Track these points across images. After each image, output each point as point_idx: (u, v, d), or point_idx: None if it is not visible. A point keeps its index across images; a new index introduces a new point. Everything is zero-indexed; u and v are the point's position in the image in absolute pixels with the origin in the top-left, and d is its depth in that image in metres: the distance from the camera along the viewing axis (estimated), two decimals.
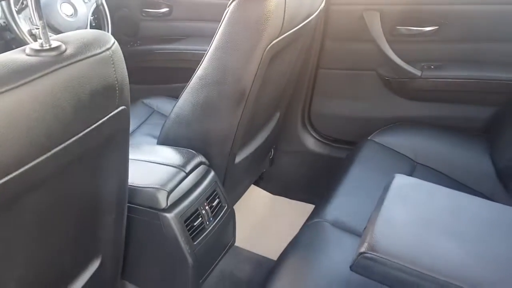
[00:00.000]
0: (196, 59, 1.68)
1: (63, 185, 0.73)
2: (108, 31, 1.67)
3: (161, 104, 1.74)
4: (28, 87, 0.57)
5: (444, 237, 0.85)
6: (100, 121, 0.71)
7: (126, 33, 1.98)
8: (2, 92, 0.54)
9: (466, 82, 1.50)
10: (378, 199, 0.95)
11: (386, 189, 0.97)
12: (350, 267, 0.85)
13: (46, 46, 0.62)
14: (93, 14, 1.63)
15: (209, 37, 1.13)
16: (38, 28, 0.62)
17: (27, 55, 0.62)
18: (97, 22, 1.69)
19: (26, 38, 1.40)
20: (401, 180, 0.99)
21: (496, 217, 0.92)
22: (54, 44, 0.63)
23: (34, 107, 0.58)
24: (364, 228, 0.90)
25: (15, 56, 0.60)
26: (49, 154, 0.62)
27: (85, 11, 1.59)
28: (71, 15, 1.55)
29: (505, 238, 0.86)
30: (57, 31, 1.50)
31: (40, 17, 0.62)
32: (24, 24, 1.42)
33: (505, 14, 1.42)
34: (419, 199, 0.95)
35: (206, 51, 1.12)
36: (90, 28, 1.63)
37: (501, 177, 1.35)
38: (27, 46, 0.63)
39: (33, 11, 0.62)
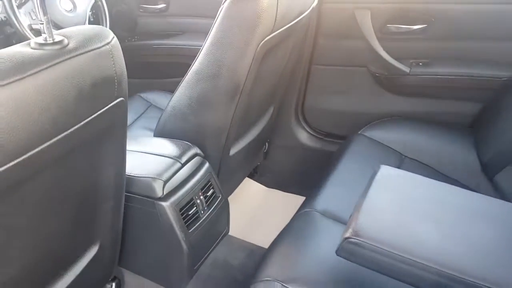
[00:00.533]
0: (192, 54, 1.71)
1: (65, 171, 0.77)
2: (106, 26, 1.71)
3: (157, 98, 1.78)
4: (34, 78, 0.61)
5: (424, 224, 0.90)
6: (100, 111, 0.75)
7: (123, 28, 2.02)
8: (10, 83, 0.58)
9: (453, 79, 1.55)
10: (364, 189, 1.00)
11: (371, 179, 1.02)
12: (336, 251, 0.89)
13: (50, 40, 0.66)
14: (91, 9, 1.67)
15: (205, 32, 1.17)
16: (43, 23, 0.66)
17: (32, 48, 0.66)
18: (95, 18, 1.72)
19: (26, 32, 1.44)
20: (385, 171, 1.04)
21: (475, 206, 0.97)
22: (57, 38, 0.67)
23: (39, 97, 0.62)
24: (350, 216, 0.95)
25: (21, 49, 0.64)
26: (53, 141, 0.66)
27: (84, 6, 1.63)
28: (70, 10, 1.59)
29: (481, 225, 0.91)
30: (57, 26, 1.54)
31: (45, 13, 0.66)
32: (24, 19, 1.46)
33: (490, 14, 1.47)
34: (402, 188, 1.00)
35: (201, 46, 1.16)
36: (89, 23, 1.67)
37: (486, 170, 1.40)
38: (31, 40, 0.67)
39: (38, 7, 0.66)
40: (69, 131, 0.69)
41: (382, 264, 0.85)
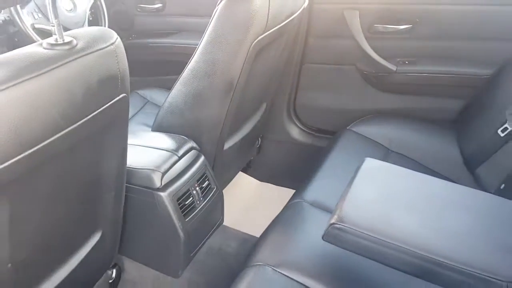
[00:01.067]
0: (188, 53, 1.77)
1: (72, 162, 0.84)
2: (105, 26, 1.77)
3: (154, 95, 1.84)
4: (48, 76, 0.68)
5: (405, 211, 0.97)
6: (105, 106, 0.82)
7: (121, 27, 2.07)
8: (28, 79, 0.65)
9: (437, 77, 1.62)
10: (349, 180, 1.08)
11: (356, 171, 1.09)
12: (322, 237, 0.97)
13: (60, 41, 0.73)
14: (90, 9, 1.73)
15: (200, 31, 1.24)
16: (54, 26, 0.72)
17: (44, 48, 0.72)
18: (94, 17, 1.78)
19: (29, 32, 1.50)
20: (370, 163, 1.11)
21: (454, 195, 1.05)
22: (67, 39, 0.74)
23: (52, 92, 0.69)
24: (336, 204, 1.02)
25: (35, 49, 0.71)
26: (63, 132, 0.73)
27: (84, 6, 1.69)
28: (71, 10, 1.65)
29: (458, 212, 0.98)
30: None
31: (56, 16, 0.72)
32: (27, 18, 1.51)
33: (473, 15, 1.55)
34: (385, 179, 1.07)
35: (197, 45, 1.22)
36: (88, 22, 1.73)
37: (467, 163, 1.48)
38: (43, 41, 0.74)
39: (50, 11, 0.72)
40: (78, 124, 0.76)
41: (364, 248, 0.92)
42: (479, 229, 0.95)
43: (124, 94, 0.87)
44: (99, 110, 0.80)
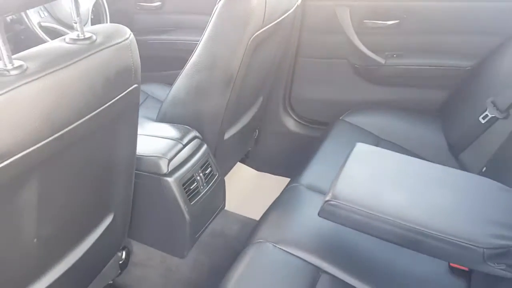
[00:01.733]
0: (186, 48, 1.86)
1: (90, 147, 0.92)
2: (106, 23, 1.85)
3: (155, 89, 1.92)
4: (73, 67, 0.76)
5: (392, 189, 1.07)
6: (121, 95, 0.90)
7: (121, 25, 2.14)
8: (57, 70, 0.73)
9: (423, 69, 1.73)
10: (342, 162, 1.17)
11: (348, 154, 1.19)
12: (318, 213, 1.06)
13: (82, 37, 0.81)
14: (92, 7, 1.81)
15: (198, 28, 1.32)
16: (76, 23, 0.81)
17: (67, 43, 0.80)
18: (96, 15, 1.86)
19: (36, 30, 1.57)
20: (361, 147, 1.21)
21: (437, 175, 1.15)
22: (87, 35, 0.82)
23: (76, 81, 0.77)
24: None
25: (59, 44, 0.79)
26: (86, 118, 0.81)
27: (87, 5, 1.77)
28: None
29: (441, 190, 1.08)
30: (62, 23, 1.68)
31: (78, 15, 0.81)
32: (34, 17, 1.59)
33: (456, 10, 1.65)
34: (374, 161, 1.17)
35: (195, 41, 1.31)
36: (90, 20, 1.80)
37: (452, 149, 1.58)
38: (66, 36, 0.82)
39: (72, 10, 0.81)
40: (98, 110, 0.84)
41: (356, 221, 1.02)
42: (460, 203, 1.05)
43: (136, 85, 0.95)
44: (115, 98, 0.89)
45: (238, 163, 2.02)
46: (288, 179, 1.51)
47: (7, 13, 0.69)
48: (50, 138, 0.75)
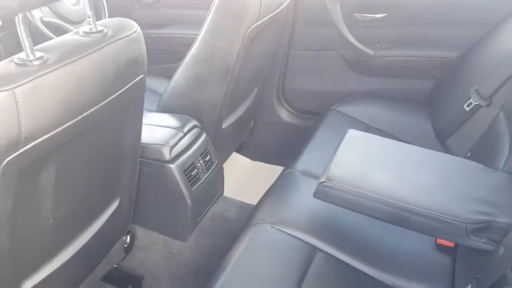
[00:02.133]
0: (183, 42, 1.91)
1: (103, 132, 0.99)
2: (105, 18, 1.89)
3: (152, 82, 1.96)
4: (87, 58, 0.83)
5: (382, 171, 1.15)
6: (129, 84, 0.96)
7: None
8: (74, 61, 0.79)
9: (410, 60, 1.81)
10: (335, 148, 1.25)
11: (341, 140, 1.27)
12: (313, 194, 1.14)
13: (94, 30, 0.88)
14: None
15: (195, 22, 1.38)
16: (89, 17, 0.87)
17: (81, 36, 0.87)
18: (95, 10, 1.90)
19: (38, 25, 1.62)
20: (352, 133, 1.29)
21: (423, 158, 1.23)
22: (99, 28, 0.89)
23: (90, 72, 0.83)
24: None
25: (74, 37, 0.86)
26: (99, 105, 0.88)
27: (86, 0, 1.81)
28: (74, 4, 1.78)
29: (427, 171, 1.17)
30: (63, 18, 1.73)
31: (91, 8, 0.87)
32: (36, 12, 1.64)
33: (441, 3, 1.73)
34: (365, 146, 1.25)
35: (191, 35, 1.37)
36: None
37: (438, 136, 1.66)
38: (79, 29, 0.88)
39: (86, 5, 0.87)
40: (110, 98, 0.91)
41: (349, 201, 1.10)
42: (444, 183, 1.13)
43: (143, 75, 1.02)
44: (125, 87, 0.95)
45: (234, 153, 2.08)
46: (282, 168, 1.58)
47: (30, 9, 0.75)
48: (69, 123, 0.81)
